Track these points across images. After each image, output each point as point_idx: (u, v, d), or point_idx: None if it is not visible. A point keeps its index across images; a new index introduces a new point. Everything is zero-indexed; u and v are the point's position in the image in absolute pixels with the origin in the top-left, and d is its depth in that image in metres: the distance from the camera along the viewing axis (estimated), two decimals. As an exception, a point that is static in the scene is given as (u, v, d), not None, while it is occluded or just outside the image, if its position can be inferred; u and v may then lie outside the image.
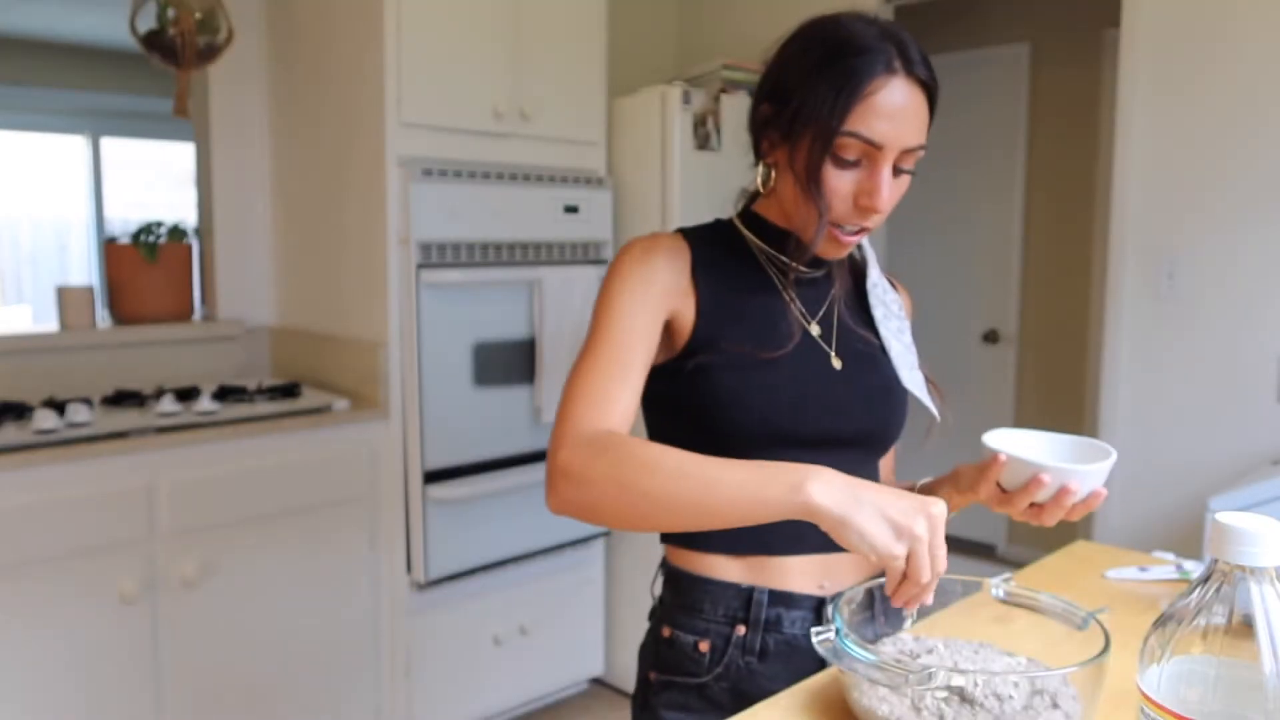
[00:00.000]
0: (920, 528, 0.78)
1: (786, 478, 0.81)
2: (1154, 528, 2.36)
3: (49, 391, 2.37)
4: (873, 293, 1.12)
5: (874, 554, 0.78)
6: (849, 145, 0.94)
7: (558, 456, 0.90)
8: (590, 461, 0.87)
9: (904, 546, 0.78)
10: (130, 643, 1.97)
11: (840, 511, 0.78)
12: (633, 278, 1.02)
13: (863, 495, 0.79)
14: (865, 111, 0.93)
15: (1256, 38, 2.19)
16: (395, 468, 2.35)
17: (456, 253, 2.36)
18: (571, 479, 0.88)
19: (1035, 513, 0.94)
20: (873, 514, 0.78)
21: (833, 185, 0.96)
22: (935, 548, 0.79)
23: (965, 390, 4.13)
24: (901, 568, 0.79)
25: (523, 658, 2.65)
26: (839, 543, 0.80)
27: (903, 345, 1.11)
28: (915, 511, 0.79)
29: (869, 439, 1.07)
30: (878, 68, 0.93)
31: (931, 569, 0.79)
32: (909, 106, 0.95)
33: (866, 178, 0.96)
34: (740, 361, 1.01)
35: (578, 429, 0.92)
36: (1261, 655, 0.59)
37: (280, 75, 2.68)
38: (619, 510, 0.86)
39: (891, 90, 0.94)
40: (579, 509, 0.89)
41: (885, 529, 0.78)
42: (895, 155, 0.95)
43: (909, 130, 0.95)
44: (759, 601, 1.03)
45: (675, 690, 1.06)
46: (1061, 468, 0.90)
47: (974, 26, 4.07)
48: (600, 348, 0.98)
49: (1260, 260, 2.22)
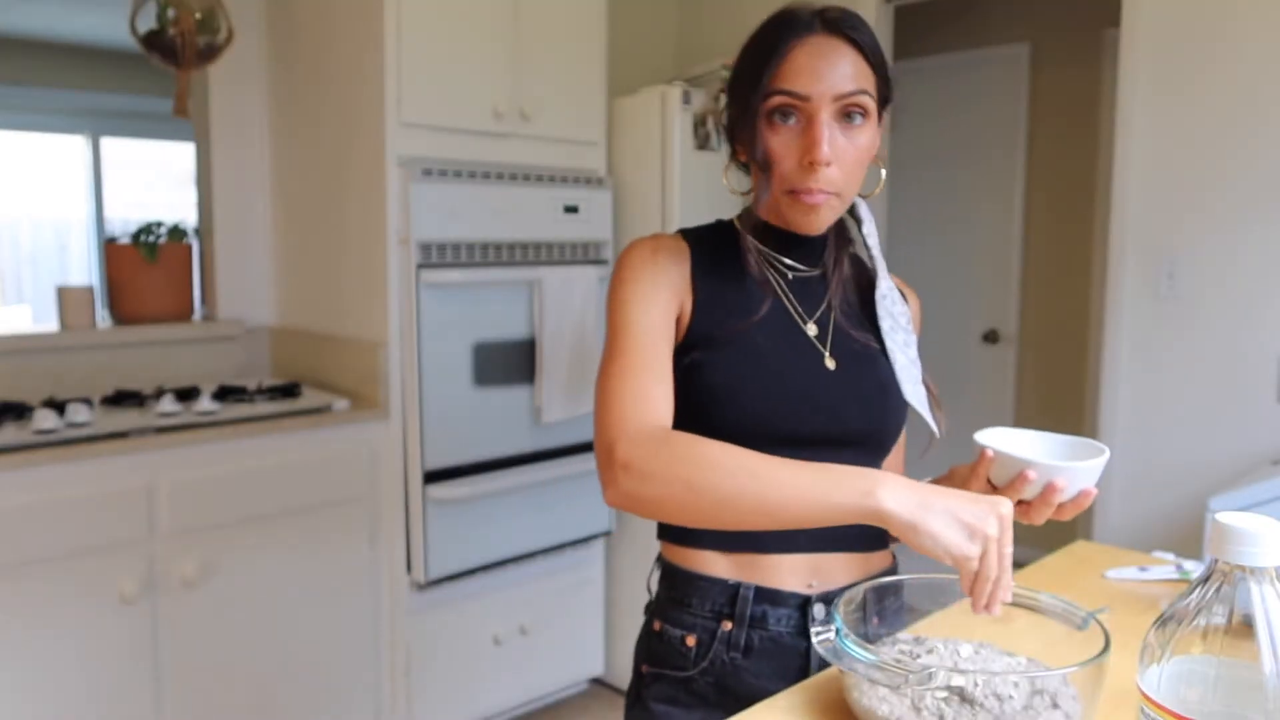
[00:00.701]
0: (993, 528, 0.79)
1: (857, 483, 0.82)
2: (1154, 528, 2.36)
3: (49, 391, 2.37)
4: (881, 304, 1.12)
5: (948, 557, 0.80)
6: (776, 103, 0.97)
7: (617, 451, 0.90)
8: (652, 456, 0.88)
9: (979, 547, 0.79)
10: (130, 643, 1.97)
11: (911, 517, 0.80)
12: (644, 277, 1.03)
13: (932, 500, 0.80)
14: (787, 70, 0.97)
15: (1256, 37, 2.19)
16: (395, 468, 2.35)
17: (456, 253, 2.36)
18: (633, 473, 0.88)
19: (1024, 510, 0.94)
20: (945, 518, 0.80)
21: (773, 148, 0.99)
22: (1004, 545, 0.80)
23: (965, 390, 4.13)
24: (975, 569, 0.80)
25: (523, 658, 2.65)
26: (912, 547, 0.81)
27: (908, 359, 1.11)
28: (987, 513, 0.80)
29: (864, 440, 1.07)
30: (797, 29, 0.98)
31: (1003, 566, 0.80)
32: (830, 57, 0.97)
33: (805, 131, 0.98)
34: (733, 360, 1.02)
35: (630, 425, 0.93)
36: (1261, 655, 0.59)
37: (280, 75, 2.68)
38: (681, 506, 0.87)
39: (812, 46, 0.97)
40: (639, 503, 0.89)
41: (959, 532, 0.79)
42: (828, 105, 0.97)
43: (835, 78, 0.97)
44: (745, 598, 1.03)
45: (665, 683, 1.08)
46: (1047, 464, 0.90)
47: (974, 26, 4.07)
48: (629, 348, 0.99)
49: (1260, 260, 2.22)
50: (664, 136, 2.60)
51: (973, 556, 0.79)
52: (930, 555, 0.80)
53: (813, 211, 1.02)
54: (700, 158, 2.62)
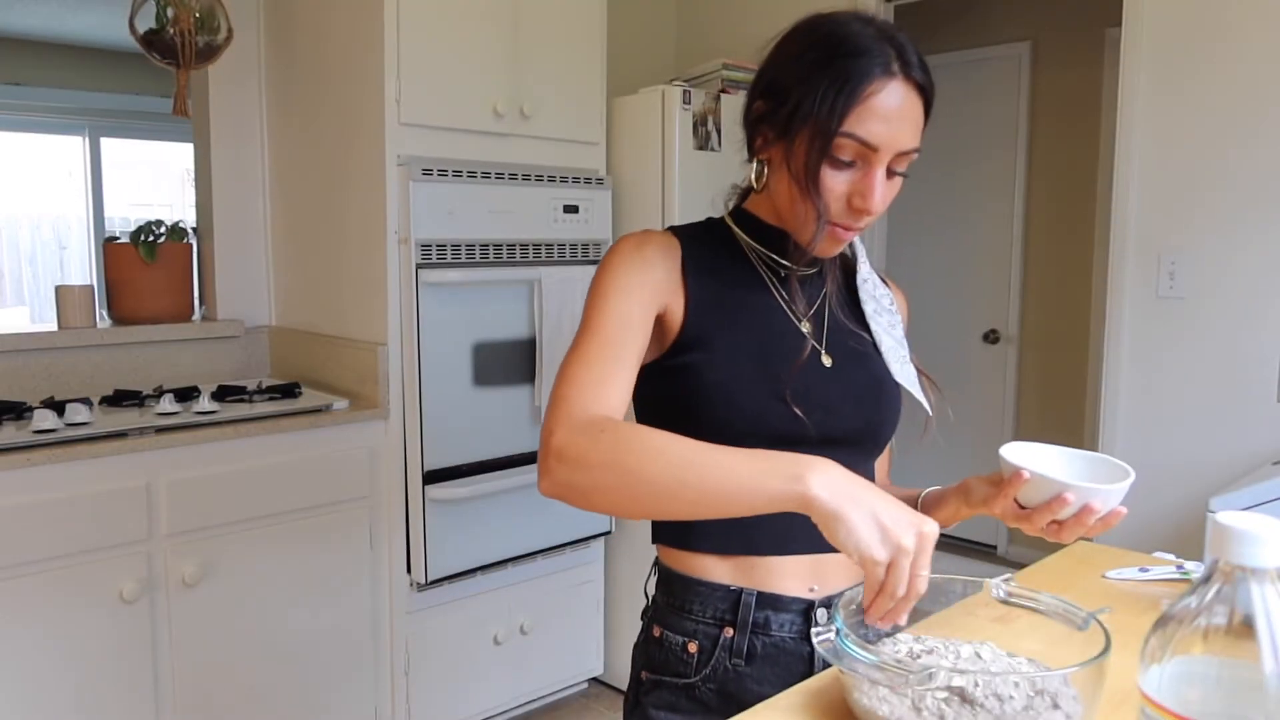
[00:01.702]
0: (908, 540, 0.77)
1: (788, 468, 0.80)
2: (1154, 528, 2.36)
3: (48, 391, 2.37)
4: (863, 288, 1.12)
5: (857, 554, 0.77)
6: (845, 146, 0.94)
7: (553, 438, 0.89)
8: (588, 444, 0.86)
9: (888, 553, 0.77)
10: (130, 643, 1.97)
11: (835, 505, 0.78)
12: (626, 270, 1.02)
13: (860, 495, 0.78)
14: (863, 113, 0.93)
15: (1257, 37, 2.18)
16: (395, 468, 2.35)
17: (456, 252, 2.36)
18: (566, 461, 0.87)
19: (1055, 530, 0.93)
20: (866, 515, 0.77)
21: (828, 185, 0.96)
22: (918, 566, 0.78)
23: (965, 390, 4.13)
24: (880, 576, 0.77)
25: (522, 657, 2.65)
26: (828, 538, 0.79)
27: (894, 340, 1.11)
28: (908, 524, 0.78)
29: (860, 437, 1.07)
30: (876, 69, 0.93)
31: (910, 586, 0.78)
32: (905, 109, 0.94)
33: (861, 179, 0.96)
34: (729, 359, 1.01)
35: (574, 412, 0.91)
36: (1262, 656, 0.59)
37: (279, 74, 2.67)
38: (615, 495, 0.85)
39: (889, 93, 0.93)
40: (573, 492, 0.87)
41: (874, 532, 0.77)
42: (890, 157, 0.95)
43: (904, 133, 0.95)
44: (747, 604, 1.02)
45: (665, 690, 1.06)
46: (1087, 487, 0.90)
47: (974, 26, 4.07)
48: (595, 336, 0.97)
49: (1260, 260, 2.21)
50: (664, 136, 2.60)
51: (880, 561, 0.77)
52: (843, 550, 0.78)
53: (841, 245, 1.03)
54: (700, 158, 2.62)
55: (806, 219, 0.99)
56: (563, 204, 2.56)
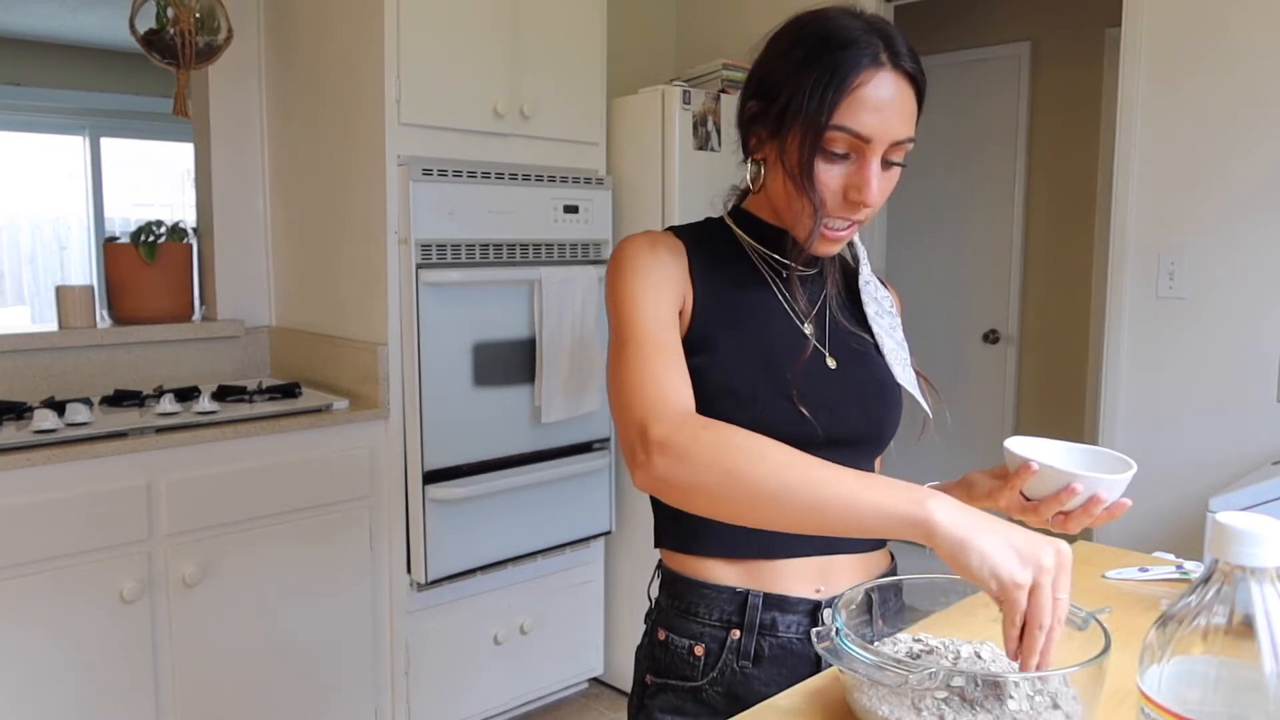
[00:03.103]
0: (1048, 559, 0.73)
1: (906, 492, 0.78)
2: (1154, 528, 2.36)
3: (48, 391, 2.37)
4: (865, 290, 1.12)
5: (994, 580, 0.74)
6: (837, 139, 0.94)
7: (651, 430, 0.86)
8: (691, 439, 0.84)
9: (1029, 575, 0.73)
10: (130, 643, 1.97)
11: (962, 533, 0.75)
12: (647, 269, 1.01)
13: (985, 521, 0.76)
14: (853, 105, 0.92)
15: (1257, 37, 2.18)
16: (395, 468, 2.35)
17: (456, 252, 2.36)
18: (670, 453, 0.84)
19: (1061, 521, 0.93)
20: (998, 539, 0.74)
21: (822, 179, 0.96)
22: (1060, 587, 0.74)
23: (965, 390, 4.13)
24: (1023, 602, 0.73)
25: (522, 657, 2.65)
26: (956, 568, 0.76)
27: (895, 342, 1.10)
28: (1044, 543, 0.74)
29: (863, 438, 1.06)
30: (864, 60, 0.93)
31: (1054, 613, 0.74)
32: (896, 99, 0.94)
33: (855, 171, 0.95)
34: (734, 360, 1.01)
35: (665, 405, 0.89)
36: (1262, 655, 0.59)
37: (280, 74, 2.67)
38: (719, 493, 0.83)
39: (878, 83, 0.93)
40: (674, 486, 0.85)
41: (1011, 554, 0.74)
42: (883, 148, 0.95)
43: (897, 123, 0.94)
44: (754, 605, 1.02)
45: (671, 693, 1.06)
46: (1094, 477, 0.90)
47: (974, 26, 4.07)
48: (644, 337, 0.96)
49: (1260, 260, 2.21)
50: (664, 136, 2.60)
51: (1023, 584, 0.73)
52: (974, 579, 0.75)
53: (838, 243, 1.02)
54: (700, 158, 2.62)
55: (803, 215, 0.98)
56: (563, 204, 2.56)
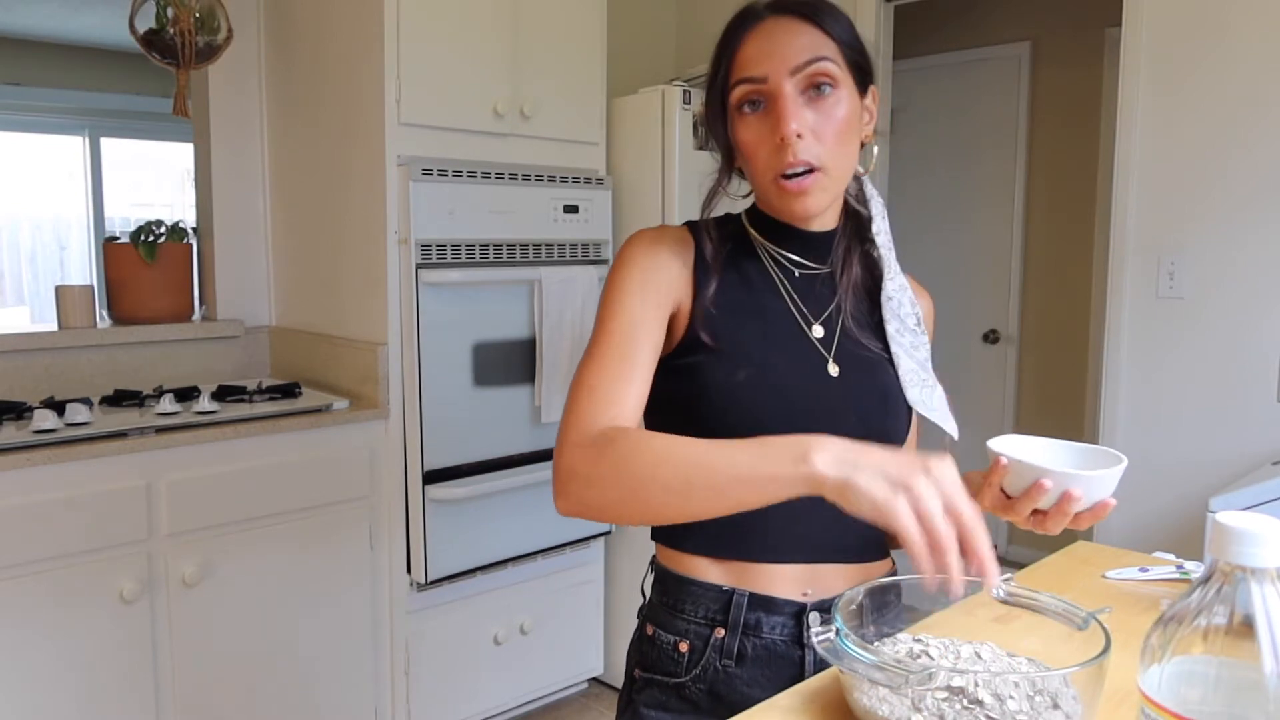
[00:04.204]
0: (918, 481, 0.73)
1: (791, 450, 0.78)
2: (1154, 528, 2.36)
3: (48, 391, 2.37)
4: (887, 306, 1.08)
5: (875, 510, 0.73)
6: (738, 94, 0.98)
7: (562, 459, 0.89)
8: (594, 460, 0.86)
9: (900, 497, 0.72)
10: (130, 643, 1.97)
11: (843, 476, 0.75)
12: (639, 269, 1.01)
13: (863, 458, 0.76)
14: (740, 59, 0.98)
15: (1256, 37, 2.18)
16: (395, 468, 2.35)
17: (456, 252, 2.36)
18: (578, 478, 0.86)
19: (1039, 520, 0.91)
20: (871, 472, 0.74)
21: (747, 140, 0.99)
22: (953, 505, 0.73)
23: (965, 390, 4.13)
24: (907, 524, 0.72)
25: (522, 657, 2.65)
26: (849, 511, 0.75)
27: (915, 363, 1.07)
28: (914, 466, 0.74)
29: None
30: (747, 20, 0.99)
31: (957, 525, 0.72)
32: (782, 35, 0.96)
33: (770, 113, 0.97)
34: (732, 363, 0.99)
35: (581, 428, 0.91)
36: (1262, 655, 0.59)
37: (280, 75, 2.67)
38: (630, 505, 0.85)
39: (760, 30, 0.98)
40: (589, 509, 0.87)
41: (882, 483, 0.73)
42: (785, 80, 0.96)
43: (788, 52, 0.96)
44: (738, 604, 1.01)
45: (656, 688, 1.05)
46: (1064, 472, 0.87)
47: (974, 26, 4.07)
48: (607, 342, 0.97)
49: (1260, 260, 2.21)
50: (664, 136, 2.60)
51: (895, 506, 0.72)
52: (865, 516, 0.74)
53: (801, 195, 0.98)
54: (700, 158, 2.62)
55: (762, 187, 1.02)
56: (563, 204, 2.56)
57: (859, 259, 1.09)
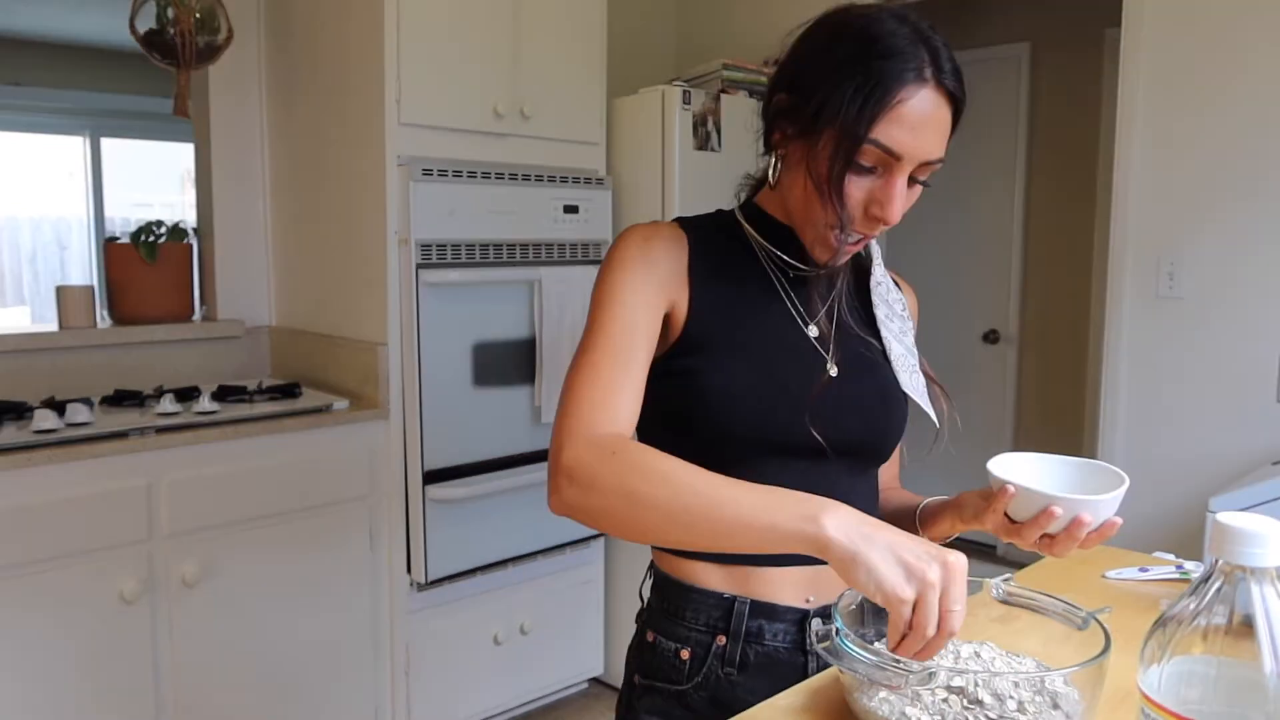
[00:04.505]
0: (933, 574, 0.73)
1: (801, 508, 0.77)
2: (1154, 528, 2.36)
3: (49, 391, 2.37)
4: (875, 291, 1.08)
5: (880, 594, 0.73)
6: (869, 153, 0.90)
7: (562, 456, 0.87)
8: (598, 465, 0.84)
9: (913, 590, 0.73)
10: (130, 643, 1.97)
11: (852, 546, 0.74)
12: (633, 266, 0.98)
13: (875, 533, 0.75)
14: (891, 121, 0.88)
15: (1257, 37, 2.18)
16: (395, 468, 2.35)
17: (456, 252, 2.36)
18: (577, 482, 0.85)
19: (1047, 544, 0.90)
20: (885, 552, 0.74)
21: (848, 191, 0.92)
22: (951, 601, 0.73)
23: (965, 390, 4.13)
24: (907, 615, 0.73)
25: (522, 657, 2.65)
26: (846, 581, 0.76)
27: (904, 348, 1.07)
28: (930, 557, 0.74)
29: (864, 448, 1.03)
30: (909, 75, 0.88)
31: (941, 625, 0.73)
32: (933, 118, 0.90)
33: (881, 187, 0.92)
34: (731, 364, 0.98)
35: (583, 428, 0.89)
36: (1262, 655, 0.59)
37: (280, 75, 2.67)
38: (624, 519, 0.84)
39: (919, 100, 0.89)
40: (582, 513, 0.86)
41: (897, 569, 0.73)
42: (913, 167, 0.91)
43: (930, 143, 0.90)
44: (740, 612, 1.00)
45: (657, 695, 1.04)
46: (1075, 499, 0.86)
47: (974, 26, 4.07)
48: (602, 342, 0.94)
49: (1260, 261, 2.21)
50: (664, 136, 2.60)
51: (906, 600, 0.73)
52: (865, 592, 0.74)
53: (845, 256, 0.99)
54: (700, 158, 2.62)
55: (819, 222, 0.96)
56: (563, 204, 2.56)
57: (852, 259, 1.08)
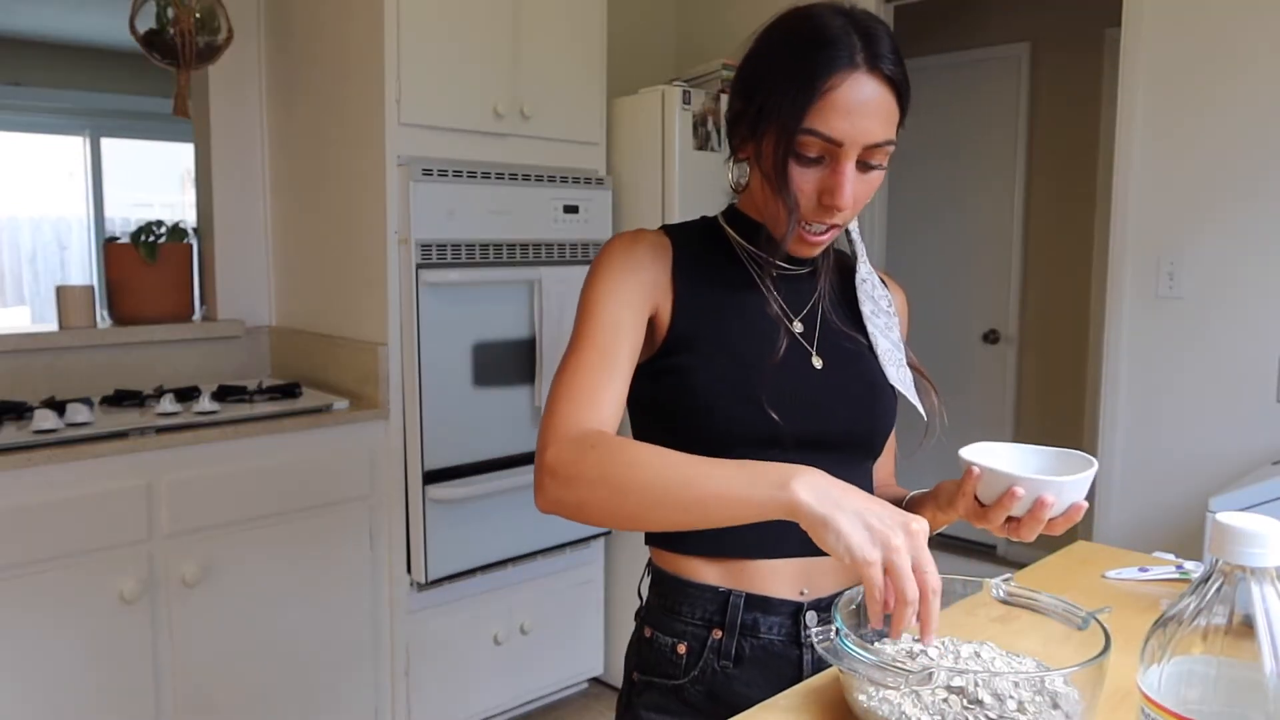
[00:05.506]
0: (897, 539, 0.75)
1: (773, 476, 0.80)
2: (1154, 528, 2.36)
3: (49, 391, 2.37)
4: (861, 288, 1.10)
5: (849, 557, 0.76)
6: (809, 143, 0.92)
7: (546, 455, 0.90)
8: (577, 459, 0.87)
9: (878, 553, 0.75)
10: (130, 643, 1.97)
11: (822, 510, 0.77)
12: (618, 271, 1.01)
13: (845, 498, 0.78)
14: (824, 108, 0.91)
15: (1257, 37, 2.18)
16: (395, 468, 2.35)
17: (456, 252, 2.36)
18: (558, 477, 0.88)
19: (1013, 527, 0.91)
20: (853, 517, 0.76)
21: (796, 183, 0.95)
22: (922, 564, 0.75)
23: (965, 390, 4.13)
24: (876, 578, 0.75)
25: (522, 657, 2.65)
26: (819, 544, 0.78)
27: (890, 342, 1.09)
28: (894, 523, 0.76)
29: (851, 441, 1.05)
30: (839, 62, 0.90)
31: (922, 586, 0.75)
32: (871, 102, 0.91)
33: (829, 175, 0.94)
34: (716, 362, 1.00)
35: (564, 427, 0.92)
36: (1262, 655, 0.59)
37: (280, 75, 2.67)
38: (606, 508, 0.86)
39: (852, 86, 0.90)
40: (567, 508, 0.89)
41: (864, 533, 0.76)
42: (858, 152, 0.93)
43: (872, 126, 0.92)
44: (735, 605, 1.01)
45: (655, 691, 1.06)
46: (1036, 479, 0.87)
47: (974, 26, 4.07)
48: (587, 344, 0.97)
49: (1260, 261, 2.22)
50: (664, 136, 2.60)
51: (874, 561, 0.75)
52: (835, 555, 0.77)
53: (817, 246, 1.01)
54: (700, 158, 2.62)
55: (778, 217, 0.98)
56: (563, 204, 2.56)
57: (836, 256, 1.12)
